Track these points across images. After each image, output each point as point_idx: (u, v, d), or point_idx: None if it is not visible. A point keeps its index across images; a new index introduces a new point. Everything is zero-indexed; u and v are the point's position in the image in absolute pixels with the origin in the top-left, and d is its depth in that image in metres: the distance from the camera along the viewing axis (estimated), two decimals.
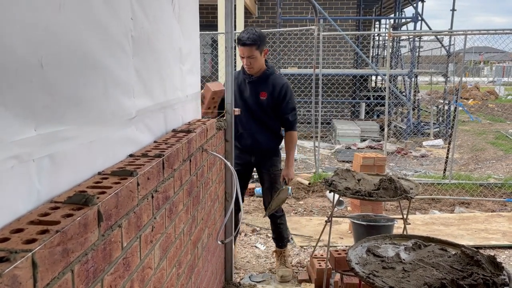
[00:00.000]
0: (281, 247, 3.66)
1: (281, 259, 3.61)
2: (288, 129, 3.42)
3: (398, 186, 2.58)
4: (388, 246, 1.93)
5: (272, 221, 3.60)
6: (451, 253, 1.81)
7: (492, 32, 5.67)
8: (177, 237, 1.68)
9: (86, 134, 1.15)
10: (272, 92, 3.27)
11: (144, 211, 1.27)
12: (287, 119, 3.35)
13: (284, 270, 3.51)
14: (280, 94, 3.27)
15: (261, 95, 3.28)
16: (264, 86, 3.29)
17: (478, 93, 24.72)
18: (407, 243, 1.95)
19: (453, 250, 1.88)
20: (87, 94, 1.15)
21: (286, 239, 3.67)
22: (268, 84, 3.28)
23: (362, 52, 12.33)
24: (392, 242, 1.96)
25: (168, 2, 1.92)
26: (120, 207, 1.08)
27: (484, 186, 6.01)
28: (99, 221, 0.96)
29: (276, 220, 3.58)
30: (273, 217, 3.56)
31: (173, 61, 2.03)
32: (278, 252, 3.67)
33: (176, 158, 1.62)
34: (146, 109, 1.65)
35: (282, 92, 3.27)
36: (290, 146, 3.43)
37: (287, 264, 3.58)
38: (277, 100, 3.29)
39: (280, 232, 3.62)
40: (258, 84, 3.29)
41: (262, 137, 3.35)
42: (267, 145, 3.41)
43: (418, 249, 1.87)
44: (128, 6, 1.44)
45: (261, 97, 3.29)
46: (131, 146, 1.49)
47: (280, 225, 3.60)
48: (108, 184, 1.11)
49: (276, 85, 3.28)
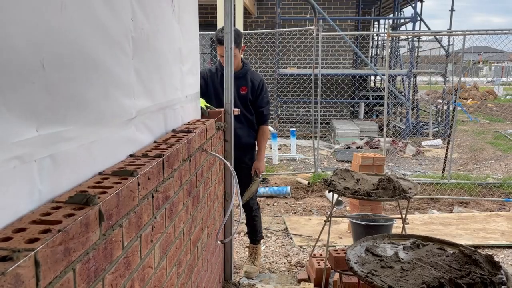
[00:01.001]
0: (254, 243, 3.74)
1: (252, 255, 3.70)
2: (261, 123, 3.59)
3: (396, 186, 2.59)
4: (386, 245, 1.94)
5: (247, 214, 3.70)
6: (449, 253, 1.82)
7: (491, 32, 5.68)
8: (177, 237, 1.69)
9: (87, 134, 1.16)
10: (252, 87, 3.45)
11: (145, 211, 1.28)
12: (261, 113, 3.54)
13: (250, 266, 3.61)
14: (258, 89, 3.47)
15: (242, 89, 3.43)
16: (243, 81, 3.44)
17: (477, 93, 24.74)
18: (406, 243, 1.96)
19: (452, 250, 1.89)
20: (88, 95, 1.16)
21: (259, 234, 3.75)
22: (247, 80, 3.45)
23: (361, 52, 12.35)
24: (390, 242, 1.97)
25: (168, 3, 1.93)
26: (121, 207, 1.09)
27: (483, 186, 6.02)
28: (100, 221, 0.97)
29: (251, 213, 3.68)
30: (248, 210, 3.66)
31: (173, 62, 2.04)
32: (251, 247, 3.74)
33: (176, 158, 1.63)
34: (146, 109, 1.65)
35: (260, 86, 3.48)
36: (262, 140, 3.60)
37: (255, 262, 3.66)
38: (255, 94, 3.48)
39: (254, 225, 3.71)
40: (238, 80, 3.39)
41: (242, 132, 3.46)
42: (247, 140, 3.54)
43: (416, 248, 1.88)
44: (129, 7, 1.44)
45: (242, 91, 3.43)
46: (131, 146, 1.49)
47: (254, 218, 3.70)
48: (108, 184, 1.12)
49: (254, 80, 3.47)
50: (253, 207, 3.67)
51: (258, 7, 11.32)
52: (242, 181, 3.58)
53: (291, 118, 11.24)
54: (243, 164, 3.53)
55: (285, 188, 5.99)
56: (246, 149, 3.56)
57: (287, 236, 4.53)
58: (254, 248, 3.73)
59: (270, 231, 4.65)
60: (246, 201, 3.54)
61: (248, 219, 3.71)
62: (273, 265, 3.81)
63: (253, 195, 3.59)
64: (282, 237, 4.51)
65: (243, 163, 3.53)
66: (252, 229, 3.73)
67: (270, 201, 5.79)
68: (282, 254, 4.03)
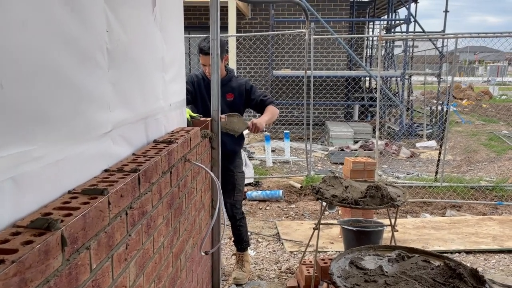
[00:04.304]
0: (241, 250, 3.71)
1: (239, 263, 3.67)
2: (268, 104, 3.46)
3: (385, 194, 2.56)
4: (371, 257, 1.91)
5: (232, 223, 3.65)
6: (434, 265, 1.79)
7: (483, 35, 5.68)
8: (156, 251, 1.66)
9: (55, 152, 1.12)
10: (239, 91, 3.43)
11: (117, 229, 1.25)
12: (262, 100, 3.49)
13: (239, 272, 3.58)
14: (245, 90, 3.46)
15: (228, 96, 3.41)
16: (228, 88, 3.42)
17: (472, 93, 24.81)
18: (391, 254, 1.93)
19: (437, 262, 1.87)
20: (55, 112, 1.12)
21: (246, 243, 3.72)
22: (232, 86, 3.44)
23: (356, 53, 12.34)
24: (376, 253, 1.94)
25: (149, 11, 1.89)
26: (88, 228, 1.06)
27: (476, 189, 6.01)
28: (63, 246, 0.94)
29: (236, 222, 3.63)
30: (233, 219, 3.61)
31: (155, 71, 2.00)
32: (237, 255, 3.71)
33: (155, 171, 1.59)
34: (124, 121, 1.62)
35: (247, 87, 3.47)
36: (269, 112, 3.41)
37: (243, 269, 3.63)
38: (245, 95, 3.46)
39: (240, 234, 3.68)
40: (223, 87, 3.28)
41: (227, 139, 3.36)
42: (232, 147, 3.49)
43: (401, 260, 1.85)
44: (103, 18, 1.41)
45: (228, 98, 3.41)
46: (107, 161, 1.46)
47: (239, 228, 3.66)
48: (76, 204, 1.08)
49: (240, 85, 3.46)
50: (237, 216, 3.62)
51: (252, 9, 11.29)
52: (227, 189, 3.55)
53: (285, 120, 11.22)
54: (229, 172, 3.50)
55: (277, 191, 5.96)
56: (231, 157, 3.52)
57: (279, 241, 4.50)
58: (240, 255, 3.70)
59: (262, 236, 4.62)
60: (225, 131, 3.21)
61: (233, 228, 3.67)
62: (263, 272, 3.78)
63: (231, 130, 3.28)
64: (274, 242, 4.48)
65: (229, 171, 3.50)
66: (237, 238, 3.70)
67: (263, 205, 5.76)
68: (272, 260, 4.00)
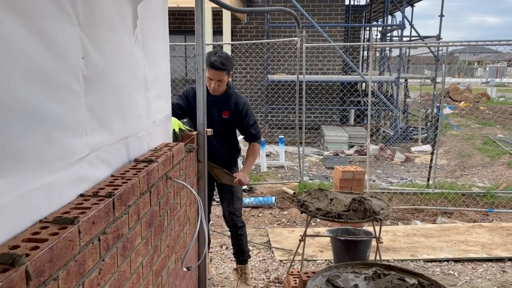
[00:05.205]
0: (242, 263, 3.67)
1: (242, 277, 3.63)
2: (252, 141, 3.58)
3: (367, 208, 2.59)
4: (349, 275, 1.94)
5: (233, 232, 3.61)
6: (409, 284, 1.82)
7: (473, 44, 5.72)
8: (134, 272, 1.68)
9: (25, 183, 1.15)
10: (235, 111, 3.44)
11: (89, 256, 1.27)
12: (250, 133, 3.54)
13: (246, 287, 3.56)
14: (241, 113, 3.46)
15: (224, 114, 3.44)
16: (226, 105, 3.43)
17: (470, 95, 24.84)
18: (368, 272, 1.95)
19: (413, 280, 1.90)
20: (25, 143, 1.14)
21: (247, 254, 3.69)
22: (229, 103, 3.44)
23: (352, 57, 12.39)
24: (353, 271, 1.97)
25: (130, 33, 1.92)
26: (56, 260, 1.08)
27: (467, 196, 6.05)
28: (28, 281, 0.96)
29: (237, 231, 3.59)
30: (234, 228, 3.58)
31: (136, 90, 2.03)
32: (239, 269, 3.66)
33: (132, 193, 1.62)
34: (102, 143, 1.64)
35: (244, 110, 3.46)
36: (251, 155, 3.58)
37: (248, 282, 3.61)
38: (239, 118, 3.47)
39: (241, 244, 3.63)
40: (221, 104, 3.40)
41: (222, 152, 3.48)
42: (227, 159, 3.56)
43: (377, 278, 1.88)
44: (79, 46, 1.44)
45: (224, 116, 3.44)
46: (83, 185, 1.48)
47: (241, 237, 3.61)
48: (45, 235, 1.11)
49: (238, 104, 3.45)
50: (238, 224, 3.56)
51: (248, 14, 11.33)
52: (226, 198, 3.55)
53: (280, 124, 11.25)
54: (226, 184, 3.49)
55: (270, 198, 5.99)
56: (228, 165, 3.53)
57: (269, 249, 4.53)
58: (242, 268, 3.65)
59: (252, 244, 4.65)
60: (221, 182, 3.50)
61: (234, 237, 3.61)
62: (252, 281, 3.81)
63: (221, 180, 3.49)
64: (264, 251, 4.51)
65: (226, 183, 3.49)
66: (239, 248, 3.63)
67: (255, 211, 5.78)
68: (261, 270, 4.03)
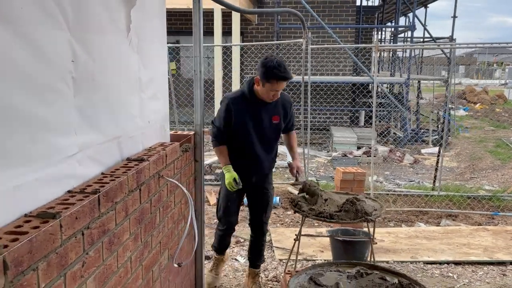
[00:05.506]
0: (257, 267, 3.64)
1: (255, 278, 3.60)
2: (291, 130, 3.59)
3: (359, 209, 2.63)
4: (332, 273, 1.98)
5: (256, 238, 3.56)
6: (389, 283, 1.86)
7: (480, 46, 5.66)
8: (122, 266, 1.75)
9: (10, 179, 1.23)
10: (284, 113, 3.38)
11: (71, 249, 1.35)
12: (292, 124, 3.55)
13: None
14: (291, 111, 3.45)
15: (274, 119, 3.31)
16: (276, 110, 3.31)
17: (487, 97, 24.44)
18: (352, 271, 2.00)
19: (395, 279, 1.93)
20: (10, 143, 1.22)
21: (263, 258, 3.68)
22: (278, 107, 3.33)
23: (364, 58, 12.34)
24: (337, 270, 2.02)
25: (123, 36, 1.99)
26: (36, 251, 1.16)
27: (473, 198, 6.01)
28: (5, 270, 1.04)
29: (262, 237, 3.56)
30: (261, 235, 3.55)
31: (130, 91, 2.10)
32: (253, 273, 3.63)
33: (120, 190, 1.69)
34: (92, 142, 1.72)
35: (292, 110, 3.46)
36: (294, 143, 3.60)
37: (260, 285, 3.62)
38: (288, 117, 3.44)
39: (261, 250, 3.60)
40: (272, 109, 3.29)
41: (267, 161, 3.39)
42: (270, 167, 3.51)
43: (360, 277, 1.92)
44: (68, 50, 1.51)
45: (274, 120, 3.31)
46: (71, 182, 1.56)
47: (263, 243, 3.60)
48: (26, 228, 1.18)
49: (286, 106, 3.38)
50: (266, 232, 3.58)
51: (258, 15, 11.39)
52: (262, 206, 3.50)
53: None
54: (264, 189, 3.49)
55: (274, 198, 6.03)
56: (268, 176, 3.51)
57: (270, 248, 4.57)
58: (257, 272, 3.64)
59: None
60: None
61: (256, 243, 3.59)
62: None
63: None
64: (265, 250, 4.55)
65: (264, 189, 3.49)
66: (258, 253, 3.61)
67: None
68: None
